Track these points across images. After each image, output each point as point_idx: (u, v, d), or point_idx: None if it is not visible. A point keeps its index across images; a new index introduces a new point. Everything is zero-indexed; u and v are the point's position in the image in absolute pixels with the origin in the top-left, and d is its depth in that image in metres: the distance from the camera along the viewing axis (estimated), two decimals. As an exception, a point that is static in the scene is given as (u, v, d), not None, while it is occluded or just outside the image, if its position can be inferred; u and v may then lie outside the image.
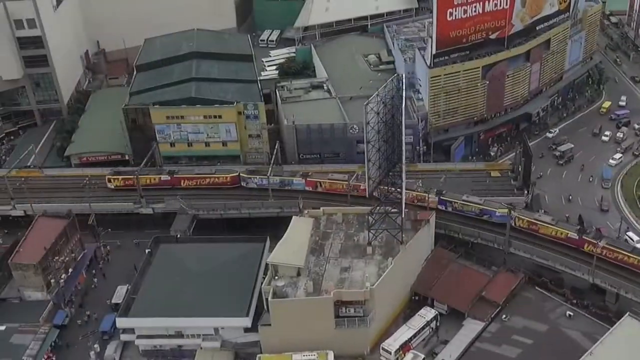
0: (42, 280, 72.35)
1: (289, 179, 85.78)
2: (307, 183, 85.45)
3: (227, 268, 72.70)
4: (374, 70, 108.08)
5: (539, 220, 76.31)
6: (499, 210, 78.03)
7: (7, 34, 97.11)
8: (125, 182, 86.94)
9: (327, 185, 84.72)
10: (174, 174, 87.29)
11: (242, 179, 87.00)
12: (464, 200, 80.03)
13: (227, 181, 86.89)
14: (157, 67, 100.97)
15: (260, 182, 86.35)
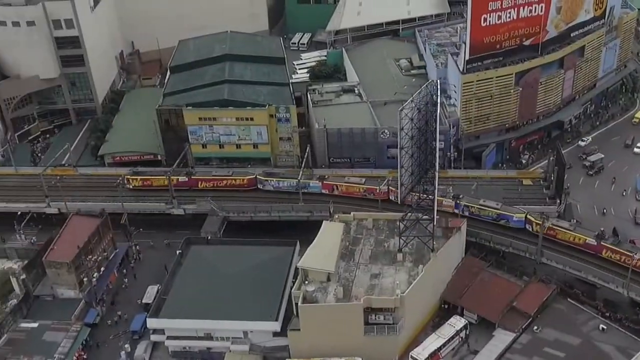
0: (75, 279, 72.30)
1: (305, 182, 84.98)
2: (323, 186, 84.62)
3: (257, 271, 71.95)
4: (405, 75, 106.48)
5: (556, 226, 74.98)
6: (516, 215, 76.84)
7: (45, 33, 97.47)
8: (144, 183, 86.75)
9: (344, 188, 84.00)
10: (191, 175, 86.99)
11: (258, 182, 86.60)
12: (480, 204, 78.68)
13: (243, 183, 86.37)
14: (191, 68, 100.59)
15: (276, 185, 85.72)
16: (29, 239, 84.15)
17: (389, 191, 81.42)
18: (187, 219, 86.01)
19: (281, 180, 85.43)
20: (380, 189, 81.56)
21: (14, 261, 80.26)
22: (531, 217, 76.42)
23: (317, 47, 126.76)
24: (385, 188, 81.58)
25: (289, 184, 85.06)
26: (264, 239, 78.90)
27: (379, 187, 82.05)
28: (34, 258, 74.79)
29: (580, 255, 73.89)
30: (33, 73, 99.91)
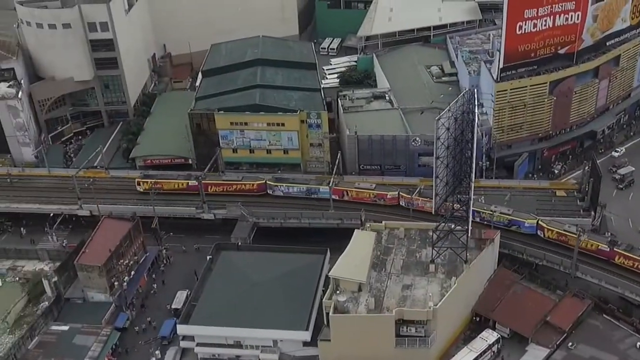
0: (106, 282, 71.42)
1: (315, 187, 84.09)
2: (333, 191, 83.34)
3: (288, 279, 70.40)
4: (436, 82, 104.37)
5: (568, 232, 73.52)
6: (527, 220, 75.65)
7: (80, 36, 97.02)
8: (154, 186, 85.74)
9: (354, 194, 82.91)
10: (202, 179, 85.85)
11: (268, 187, 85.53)
12: (492, 210, 77.32)
13: (253, 188, 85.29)
14: (223, 72, 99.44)
15: (286, 190, 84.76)
16: (60, 241, 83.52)
17: (399, 197, 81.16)
18: (217, 223, 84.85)
19: (291, 186, 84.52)
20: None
21: (46, 263, 79.75)
22: (542, 223, 75.14)
23: (346, 53, 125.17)
24: (395, 194, 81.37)
25: (299, 190, 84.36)
26: (294, 246, 77.28)
27: (390, 192, 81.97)
28: (65, 261, 74.11)
29: (617, 270, 71.20)
30: (67, 75, 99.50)
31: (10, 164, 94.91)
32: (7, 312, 72.88)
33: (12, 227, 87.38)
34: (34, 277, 76.25)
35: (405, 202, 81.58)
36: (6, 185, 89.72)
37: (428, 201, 79.91)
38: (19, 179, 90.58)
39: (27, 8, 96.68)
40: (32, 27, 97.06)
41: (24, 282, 78.36)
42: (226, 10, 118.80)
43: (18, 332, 71.21)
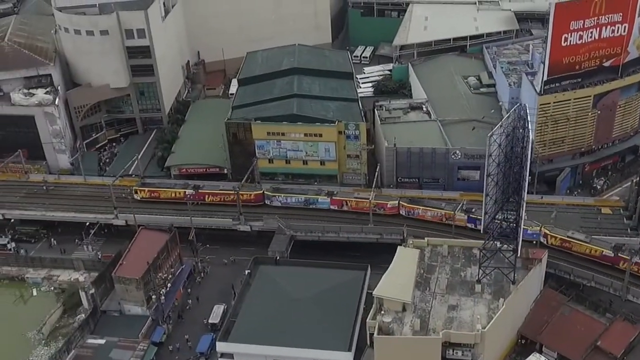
0: (143, 295, 69.31)
1: (313, 198, 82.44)
2: (332, 202, 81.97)
3: (328, 296, 67.71)
4: (474, 93, 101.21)
5: (572, 238, 72.65)
6: (530, 228, 74.08)
7: (117, 43, 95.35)
8: (151, 194, 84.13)
9: (353, 203, 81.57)
10: (199, 189, 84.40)
11: (266, 197, 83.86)
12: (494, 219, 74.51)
13: (251, 199, 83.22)
14: (259, 81, 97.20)
15: (284, 201, 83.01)
16: (95, 250, 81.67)
17: (399, 206, 79.91)
18: (253, 235, 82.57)
19: (289, 196, 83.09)
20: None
21: (81, 272, 78.13)
22: (546, 230, 74.01)
23: (379, 61, 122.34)
24: (396, 203, 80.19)
25: (297, 200, 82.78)
26: (332, 261, 74.67)
27: (390, 202, 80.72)
28: (102, 272, 72.11)
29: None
30: (104, 82, 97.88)
31: (46, 170, 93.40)
32: (43, 323, 71.24)
33: (47, 235, 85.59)
34: (70, 288, 74.59)
35: (405, 211, 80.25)
36: (42, 193, 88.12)
37: (429, 210, 79.16)
38: (54, 186, 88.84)
39: (65, 14, 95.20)
40: (70, 33, 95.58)
41: (59, 292, 76.82)
42: (260, 17, 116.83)
43: (53, 344, 69.56)
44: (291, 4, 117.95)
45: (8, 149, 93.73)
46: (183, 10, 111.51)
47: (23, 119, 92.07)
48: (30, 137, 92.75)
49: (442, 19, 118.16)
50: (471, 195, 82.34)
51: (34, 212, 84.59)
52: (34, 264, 79.11)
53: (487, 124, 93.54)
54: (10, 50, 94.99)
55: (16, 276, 78.96)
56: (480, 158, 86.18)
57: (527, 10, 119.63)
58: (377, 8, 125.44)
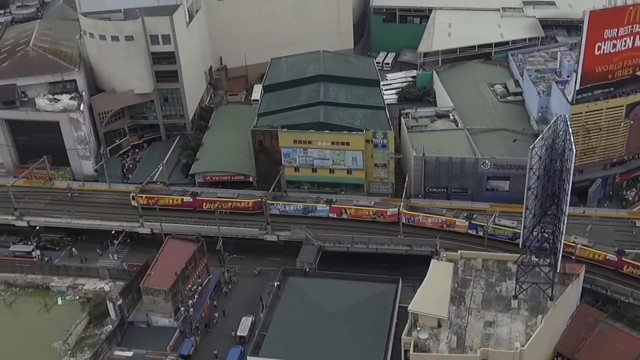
0: (171, 307, 67.46)
1: (312, 206, 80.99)
2: (331, 210, 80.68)
3: (360, 310, 65.70)
4: (501, 102, 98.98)
5: (575, 243, 71.77)
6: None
7: (142, 48, 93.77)
8: (149, 201, 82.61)
9: (353, 211, 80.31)
10: (196, 196, 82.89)
11: (264, 205, 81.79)
12: (495, 224, 75.53)
13: (249, 206, 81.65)
14: (284, 88, 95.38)
15: (282, 209, 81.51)
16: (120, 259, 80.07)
17: (399, 213, 78.49)
18: (279, 245, 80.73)
19: (287, 204, 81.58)
20: (390, 211, 78.90)
21: (106, 281, 76.51)
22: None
23: (401, 68, 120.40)
24: (396, 210, 79.02)
25: (295, 208, 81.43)
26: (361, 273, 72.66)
27: (389, 209, 79.72)
28: (129, 282, 70.35)
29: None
30: (128, 87, 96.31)
31: (70, 177, 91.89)
32: (69, 333, 69.62)
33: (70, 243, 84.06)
34: (96, 297, 73.02)
35: (406, 218, 78.82)
36: (67, 200, 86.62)
37: (429, 217, 77.94)
38: (79, 193, 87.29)
39: (90, 20, 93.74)
40: (95, 38, 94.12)
41: (84, 301, 75.25)
42: (282, 22, 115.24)
43: (79, 355, 67.86)
44: (314, 9, 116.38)
45: (32, 155, 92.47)
46: (206, 16, 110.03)
47: (47, 125, 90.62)
48: (55, 143, 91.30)
49: (466, 25, 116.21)
50: (502, 207, 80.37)
51: (59, 219, 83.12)
52: (58, 272, 77.61)
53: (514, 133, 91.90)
54: (35, 56, 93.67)
55: (41, 284, 77.53)
56: (510, 168, 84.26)
57: (552, 17, 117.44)
58: (400, 14, 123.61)
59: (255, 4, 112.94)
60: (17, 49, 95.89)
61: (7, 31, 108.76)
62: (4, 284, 77.97)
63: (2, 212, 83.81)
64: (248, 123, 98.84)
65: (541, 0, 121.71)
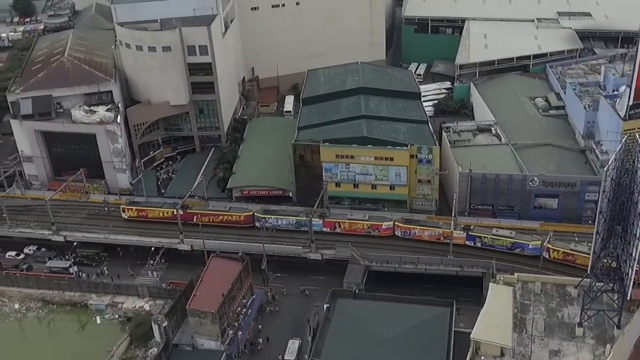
0: (218, 329, 64.22)
1: (305, 220, 78.23)
2: (324, 224, 78.77)
3: (415, 335, 62.33)
4: (543, 115, 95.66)
5: (575, 251, 71.26)
6: (531, 242, 73.39)
7: (179, 59, 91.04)
8: (139, 214, 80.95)
9: (346, 225, 78.35)
10: (187, 209, 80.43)
11: (256, 219, 79.53)
12: (494, 234, 74.61)
13: (240, 220, 79.18)
14: (323, 100, 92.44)
15: (275, 223, 79.44)
16: (159, 276, 77.05)
17: (394, 227, 77.24)
18: (321, 263, 77.55)
19: (280, 218, 79.73)
20: (385, 224, 77.68)
21: (145, 300, 73.41)
22: (548, 244, 72.34)
23: (434, 79, 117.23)
24: (391, 224, 77.63)
25: (288, 222, 79.64)
26: (408, 294, 69.43)
27: (384, 222, 78.02)
28: (174, 304, 67.19)
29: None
30: (163, 99, 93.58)
31: (104, 190, 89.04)
32: (110, 355, 66.54)
33: (107, 258, 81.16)
34: (137, 317, 69.91)
35: (401, 232, 77.17)
36: (104, 214, 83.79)
37: (425, 229, 76.68)
38: (115, 207, 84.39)
39: (127, 30, 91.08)
40: (132, 49, 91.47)
41: (123, 320, 72.17)
42: (315, 33, 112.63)
43: (121, 378, 64.72)
44: (347, 20, 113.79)
45: (66, 167, 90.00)
46: (239, 26, 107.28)
47: (83, 137, 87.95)
48: (90, 155, 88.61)
49: (502, 37, 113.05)
50: (555, 226, 77.16)
51: (96, 234, 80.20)
52: (97, 290, 74.59)
53: (560, 148, 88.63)
54: (70, 66, 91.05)
55: (79, 302, 74.55)
56: (559, 186, 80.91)
57: (588, 28, 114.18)
58: (432, 24, 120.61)
59: (289, 14, 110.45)
60: (51, 59, 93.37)
61: (40, 40, 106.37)
62: (41, 301, 75.10)
63: (39, 227, 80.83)
64: (283, 135, 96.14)
65: (576, 11, 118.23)
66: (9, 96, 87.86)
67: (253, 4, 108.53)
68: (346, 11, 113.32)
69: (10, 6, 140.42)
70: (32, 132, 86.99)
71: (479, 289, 72.67)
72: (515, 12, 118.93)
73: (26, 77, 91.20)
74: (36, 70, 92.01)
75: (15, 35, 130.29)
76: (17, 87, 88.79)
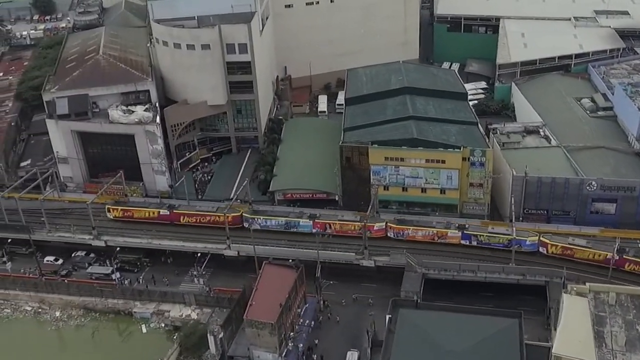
0: (277, 341, 60.78)
1: (295, 221, 76.49)
2: (314, 225, 75.89)
3: (485, 349, 58.77)
4: (592, 117, 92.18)
5: (573, 245, 70.57)
6: (528, 239, 72.06)
7: (218, 58, 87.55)
8: (125, 214, 78.53)
9: (338, 226, 75.74)
10: (173, 209, 77.74)
11: (244, 220, 76.82)
12: (490, 232, 73.43)
13: (228, 221, 75.92)
14: (367, 101, 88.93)
15: (264, 224, 76.59)
16: (205, 283, 73.63)
17: (387, 228, 75.47)
18: (372, 270, 74.17)
19: (268, 219, 76.70)
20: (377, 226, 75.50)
21: (192, 308, 69.98)
22: (545, 239, 71.48)
23: (467, 79, 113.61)
24: (383, 225, 75.35)
25: (277, 223, 76.60)
26: (465, 303, 66.05)
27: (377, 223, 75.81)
28: (229, 314, 63.72)
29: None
30: (200, 99, 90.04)
31: (142, 193, 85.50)
32: (160, 367, 63.06)
33: (149, 264, 77.70)
34: (186, 327, 66.39)
35: (394, 232, 75.32)
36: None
37: (419, 229, 75.05)
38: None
39: (165, 27, 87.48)
40: (169, 46, 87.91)
41: (170, 329, 68.73)
42: (348, 32, 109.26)
43: (174, 392, 61.26)
44: (381, 18, 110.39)
45: (101, 169, 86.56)
46: (273, 23, 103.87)
47: (121, 138, 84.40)
48: (127, 156, 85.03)
49: (541, 36, 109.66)
50: (618, 232, 73.68)
51: (138, 239, 76.61)
52: (141, 297, 71.09)
53: (614, 151, 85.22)
54: (106, 64, 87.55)
55: (122, 310, 71.04)
56: (617, 190, 77.50)
57: (628, 27, 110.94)
58: (465, 23, 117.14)
59: (323, 12, 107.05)
60: (86, 57, 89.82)
61: (70, 38, 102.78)
62: (83, 308, 71.75)
63: (79, 231, 77.32)
64: (322, 136, 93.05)
65: (614, 10, 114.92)
66: (44, 95, 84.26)
67: (287, 1, 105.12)
68: (380, 9, 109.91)
69: (30, 4, 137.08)
70: (68, 133, 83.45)
71: (539, 298, 69.48)
72: (550, 10, 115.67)
73: (60, 76, 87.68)
74: (70, 68, 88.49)
75: (36, 34, 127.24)
76: (52, 86, 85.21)
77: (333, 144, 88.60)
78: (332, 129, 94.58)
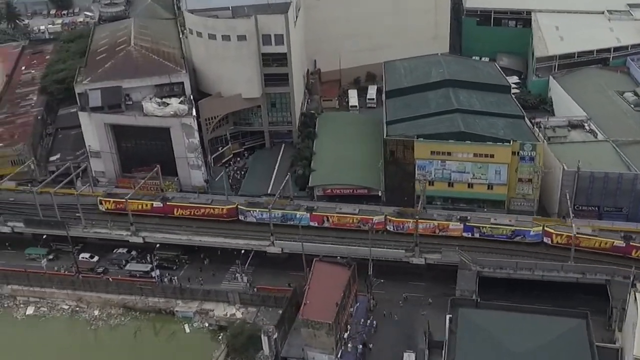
0: (334, 341, 57.93)
1: (292, 213, 73.90)
2: (312, 218, 73.70)
3: (552, 351, 55.96)
4: (637, 111, 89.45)
5: (579, 234, 68.79)
6: (532, 229, 70.50)
7: (253, 49, 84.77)
8: (117, 206, 76.02)
9: (335, 219, 73.22)
10: (167, 201, 75.26)
11: (240, 212, 74.35)
12: (492, 223, 71.60)
13: (223, 213, 73.90)
14: (408, 93, 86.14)
15: (259, 216, 73.91)
16: (249, 281, 70.79)
17: (386, 221, 72.83)
18: (421, 268, 71.33)
19: (264, 211, 73.40)
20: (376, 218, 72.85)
21: (237, 307, 67.19)
22: (549, 229, 69.92)
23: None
24: (382, 218, 72.78)
25: (274, 216, 73.44)
26: (521, 302, 63.27)
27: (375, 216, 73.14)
28: (282, 314, 60.83)
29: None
30: (235, 91, 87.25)
31: (177, 187, 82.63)
32: (209, 368, 60.18)
33: (187, 262, 74.81)
34: (232, 326, 63.52)
35: (394, 225, 72.76)
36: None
37: (420, 222, 71.37)
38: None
39: (199, 17, 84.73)
40: (204, 38, 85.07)
41: (214, 328, 65.85)
42: (379, 25, 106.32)
43: (224, 395, 58.38)
44: (412, 12, 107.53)
45: (134, 163, 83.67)
46: (304, 15, 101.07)
47: (155, 131, 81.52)
48: (161, 150, 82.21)
49: (576, 29, 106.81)
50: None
51: (178, 236, 73.67)
52: (183, 296, 68.19)
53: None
54: (138, 56, 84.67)
55: (164, 309, 68.13)
56: None
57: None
58: (495, 16, 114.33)
59: (354, 5, 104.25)
60: (117, 49, 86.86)
61: (98, 30, 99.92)
62: (123, 307, 68.84)
63: (116, 227, 74.43)
64: (357, 130, 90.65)
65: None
66: (76, 87, 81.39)
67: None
68: (412, 2, 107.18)
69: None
70: (101, 126, 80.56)
71: (598, 297, 66.70)
72: (582, 3, 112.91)
73: (91, 68, 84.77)
74: (101, 60, 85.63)
75: (53, 28, 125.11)
76: (84, 78, 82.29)
77: (370, 139, 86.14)
78: (366, 124, 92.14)
